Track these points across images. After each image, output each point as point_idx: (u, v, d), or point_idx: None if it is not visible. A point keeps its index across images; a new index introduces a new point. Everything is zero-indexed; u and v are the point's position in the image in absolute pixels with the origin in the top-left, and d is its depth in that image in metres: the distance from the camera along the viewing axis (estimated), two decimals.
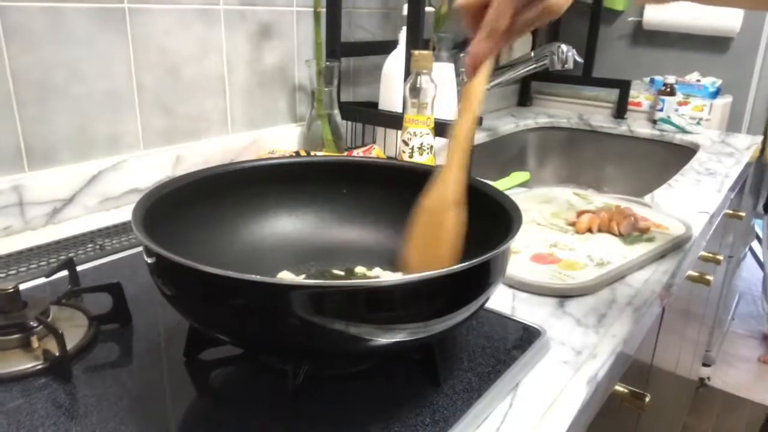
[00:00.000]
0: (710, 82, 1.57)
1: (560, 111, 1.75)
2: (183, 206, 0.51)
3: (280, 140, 1.04)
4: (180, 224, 0.49)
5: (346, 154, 0.99)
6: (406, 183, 0.55)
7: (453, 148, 0.50)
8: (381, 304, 0.37)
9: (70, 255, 0.65)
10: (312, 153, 0.95)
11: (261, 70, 1.00)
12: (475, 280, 0.41)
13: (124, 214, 0.80)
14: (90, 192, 0.79)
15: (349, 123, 1.08)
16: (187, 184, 0.51)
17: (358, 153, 0.97)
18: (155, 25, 0.83)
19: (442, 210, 0.49)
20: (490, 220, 0.50)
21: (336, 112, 1.02)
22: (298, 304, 0.34)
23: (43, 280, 0.58)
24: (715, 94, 1.57)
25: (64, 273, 0.56)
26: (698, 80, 1.58)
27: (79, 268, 0.58)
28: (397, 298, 0.37)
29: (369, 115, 1.08)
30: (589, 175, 1.57)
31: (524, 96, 1.81)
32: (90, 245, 0.69)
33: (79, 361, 0.46)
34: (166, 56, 0.86)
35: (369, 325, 0.36)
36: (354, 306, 0.36)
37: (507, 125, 1.54)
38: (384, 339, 0.38)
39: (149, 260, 0.40)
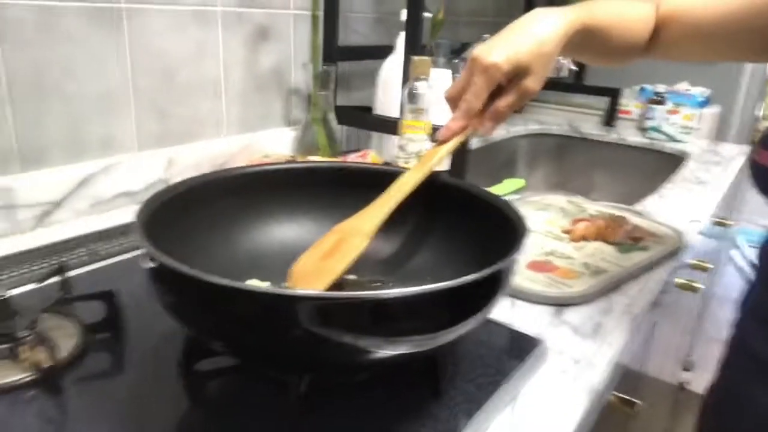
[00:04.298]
0: (699, 91, 1.58)
1: (551, 118, 1.76)
2: (182, 212, 0.50)
3: (274, 144, 1.03)
4: (179, 231, 0.48)
5: (341, 159, 0.98)
6: (420, 190, 0.55)
7: (391, 195, 0.53)
8: (388, 316, 0.36)
9: (62, 260, 0.63)
10: (307, 158, 0.95)
11: (257, 73, 0.99)
12: (482, 291, 0.40)
13: (115, 217, 0.79)
14: (81, 195, 0.78)
15: (344, 127, 1.07)
16: (187, 189, 0.50)
17: (353, 157, 0.96)
18: (151, 25, 0.82)
19: (352, 234, 0.52)
20: (494, 230, 0.50)
21: (332, 116, 1.01)
22: (303, 316, 0.34)
23: (33, 286, 0.56)
24: (705, 103, 1.59)
25: (56, 278, 0.55)
26: (687, 90, 1.60)
27: (69, 274, 0.57)
28: (405, 309, 0.36)
29: (365, 119, 1.07)
30: (579, 181, 1.58)
31: None
32: (81, 249, 0.68)
33: (70, 373, 0.45)
34: (162, 58, 0.85)
35: (375, 337, 0.36)
36: (361, 318, 0.35)
37: (499, 131, 1.54)
38: (389, 351, 0.37)
39: (151, 265, 0.39)
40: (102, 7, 0.76)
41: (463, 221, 0.55)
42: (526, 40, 0.55)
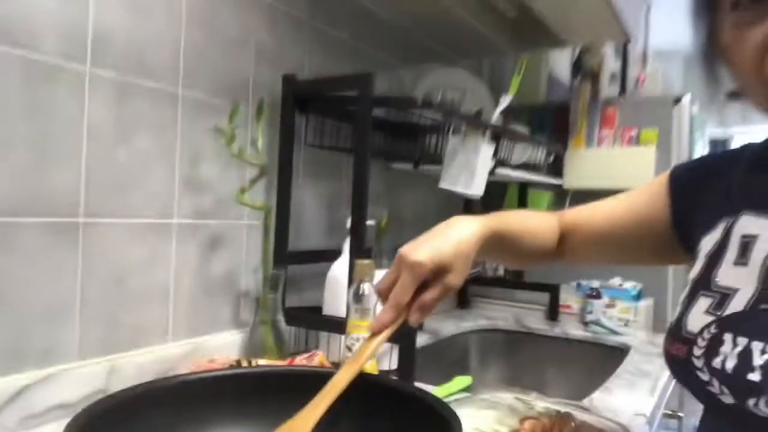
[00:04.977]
0: (632, 286, 1.70)
1: (498, 313, 1.82)
2: (115, 426, 0.49)
3: (221, 347, 1.03)
4: None
5: (288, 361, 0.98)
6: (354, 392, 0.55)
7: (325, 393, 0.55)
8: None
9: None
10: (253, 361, 0.94)
11: (207, 278, 1.03)
12: None
13: None
14: (11, 409, 0.74)
15: (293, 328, 1.09)
16: (122, 401, 0.50)
17: (300, 359, 0.96)
18: (107, 237, 0.86)
19: None
20: (430, 430, 0.50)
21: (280, 317, 1.03)
22: None
23: None
24: (638, 296, 1.69)
25: None
26: (621, 284, 1.71)
27: None
28: None
29: (314, 320, 1.10)
30: (530, 377, 1.59)
31: (463, 299, 1.89)
32: None
33: None
34: (115, 267, 0.88)
35: None
36: None
37: (448, 327, 1.58)
38: None
39: None
40: (61, 222, 0.81)
41: (400, 423, 0.55)
42: (448, 242, 0.62)
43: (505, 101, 1.43)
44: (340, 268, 1.10)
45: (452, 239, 0.62)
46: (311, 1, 1.22)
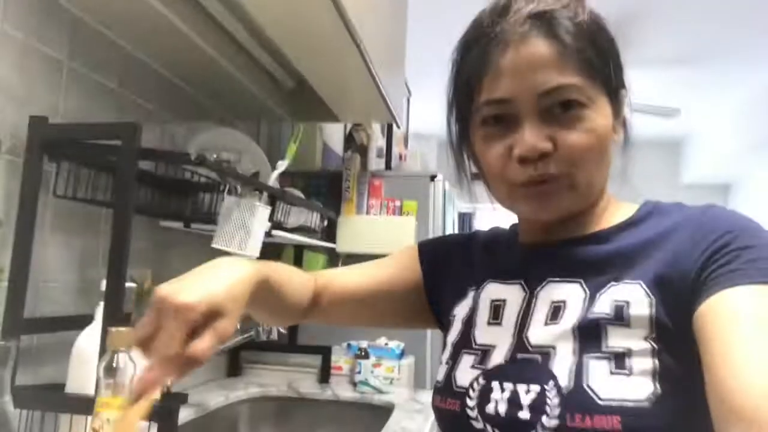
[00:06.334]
0: (396, 345, 1.81)
1: (270, 379, 1.77)
2: None
3: None
4: None
5: None
6: None
7: None
8: None
9: None
10: None
11: None
12: None
13: None
14: None
15: (25, 411, 0.91)
16: None
17: None
18: None
19: None
20: None
21: (7, 399, 0.85)
22: None
23: None
24: (401, 355, 1.81)
25: None
26: (386, 344, 1.81)
27: None
28: None
29: (53, 400, 0.93)
30: None
31: (234, 366, 1.80)
32: None
33: None
34: None
35: None
36: None
37: (217, 398, 1.48)
38: None
39: None
40: None
41: None
42: (219, 283, 0.55)
43: (282, 166, 1.46)
44: (89, 337, 0.96)
45: (224, 280, 0.56)
46: (72, 41, 1.11)
